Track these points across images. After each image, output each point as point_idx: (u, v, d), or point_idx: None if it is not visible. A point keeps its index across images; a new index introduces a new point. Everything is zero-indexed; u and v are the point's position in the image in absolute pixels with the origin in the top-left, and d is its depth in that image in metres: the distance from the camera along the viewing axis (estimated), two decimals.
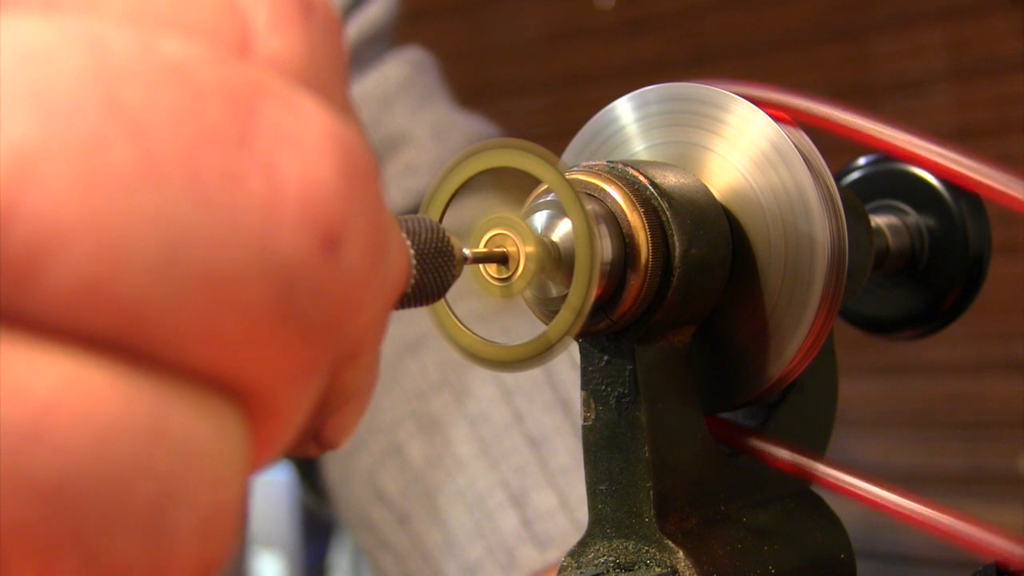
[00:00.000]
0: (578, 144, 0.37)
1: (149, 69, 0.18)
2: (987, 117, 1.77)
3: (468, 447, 0.66)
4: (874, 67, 1.86)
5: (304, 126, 0.19)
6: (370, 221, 0.20)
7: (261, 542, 1.99)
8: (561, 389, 0.67)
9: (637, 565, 0.33)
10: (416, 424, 0.68)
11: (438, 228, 0.26)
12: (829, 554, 0.37)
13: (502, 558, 0.63)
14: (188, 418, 0.18)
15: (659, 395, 0.33)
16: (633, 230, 0.32)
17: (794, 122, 0.35)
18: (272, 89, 0.19)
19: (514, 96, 2.18)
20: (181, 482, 0.18)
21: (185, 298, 0.18)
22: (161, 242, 0.17)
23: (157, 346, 0.18)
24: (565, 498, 0.63)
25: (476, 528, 0.64)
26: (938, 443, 1.82)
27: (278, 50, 0.20)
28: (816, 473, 0.34)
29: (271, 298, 0.18)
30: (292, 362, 0.19)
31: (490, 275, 0.31)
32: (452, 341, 0.32)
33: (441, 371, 0.69)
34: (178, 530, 0.18)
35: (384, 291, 0.22)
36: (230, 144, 0.18)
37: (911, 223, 0.42)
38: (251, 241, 0.18)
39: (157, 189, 0.17)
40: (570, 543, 0.62)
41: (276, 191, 0.18)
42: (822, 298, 0.33)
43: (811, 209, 0.33)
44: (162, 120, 0.18)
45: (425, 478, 0.67)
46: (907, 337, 0.43)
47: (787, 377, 0.35)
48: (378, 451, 0.69)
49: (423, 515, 0.66)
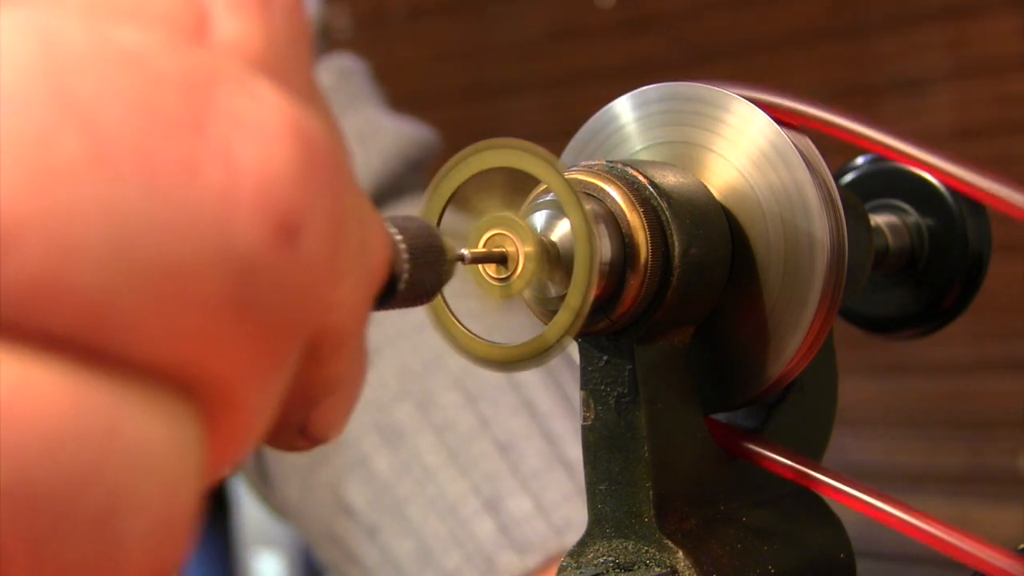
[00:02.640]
0: (577, 144, 0.37)
1: (101, 59, 0.17)
2: (987, 117, 1.77)
3: (436, 456, 0.66)
4: (874, 67, 1.86)
5: (262, 113, 0.18)
6: (332, 209, 0.19)
7: (261, 542, 1.99)
8: (525, 391, 0.67)
9: (637, 565, 0.33)
10: (380, 435, 0.67)
11: (429, 226, 0.26)
12: (829, 554, 0.37)
13: (481, 565, 0.63)
14: (141, 421, 0.18)
15: (658, 395, 0.33)
16: (632, 230, 0.32)
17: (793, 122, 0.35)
18: (229, 75, 0.18)
19: (514, 96, 2.18)
20: (132, 488, 0.17)
21: (139, 291, 0.17)
22: (114, 235, 0.17)
23: (111, 343, 0.17)
24: (539, 502, 0.63)
25: (451, 537, 0.64)
26: (938, 443, 1.82)
27: (236, 36, 0.19)
28: (813, 480, 0.34)
29: (228, 289, 0.18)
30: (253, 355, 0.19)
31: (489, 275, 0.31)
32: (452, 342, 0.32)
33: (400, 381, 0.68)
34: (129, 536, 0.17)
35: (363, 280, 0.21)
36: (185, 132, 0.18)
37: (911, 222, 0.42)
38: (207, 231, 0.18)
39: (109, 181, 0.17)
40: (549, 547, 0.62)
41: (233, 179, 0.18)
42: (822, 297, 0.33)
43: (811, 209, 0.33)
44: (114, 110, 0.17)
45: (393, 489, 0.66)
46: (907, 336, 0.43)
47: (787, 377, 0.35)
48: (341, 464, 0.68)
49: (392, 527, 0.66)
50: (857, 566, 0.38)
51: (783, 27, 1.92)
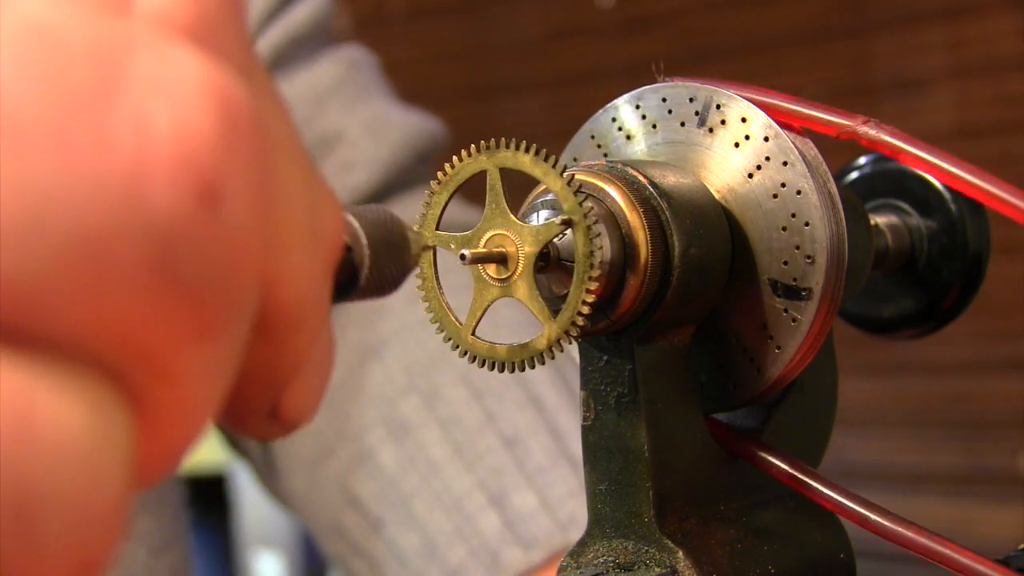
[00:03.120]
0: (577, 143, 0.37)
1: (8, 33, 0.17)
2: (987, 117, 1.77)
3: (441, 450, 0.65)
4: (874, 67, 1.86)
5: (179, 77, 0.18)
6: (257, 174, 0.19)
7: (261, 542, 1.99)
8: (531, 387, 0.67)
9: (637, 565, 0.33)
10: (386, 429, 0.67)
11: (389, 215, 0.25)
12: (829, 554, 0.37)
13: (486, 560, 0.63)
14: (59, 408, 0.17)
15: (659, 395, 0.33)
16: (632, 230, 0.32)
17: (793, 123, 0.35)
18: (145, 43, 0.18)
19: (514, 95, 2.18)
20: (49, 480, 0.17)
21: (57, 266, 0.17)
22: (27, 210, 0.17)
23: (27, 323, 0.17)
24: (544, 497, 0.63)
25: (456, 531, 0.63)
26: (938, 443, 1.82)
27: (161, 6, 0.19)
28: (804, 486, 0.34)
29: (149, 257, 0.17)
30: (182, 323, 0.18)
31: (489, 275, 0.31)
32: (453, 342, 0.32)
33: (407, 375, 0.68)
34: (48, 530, 0.17)
35: (314, 254, 0.21)
36: (95, 102, 0.17)
37: (911, 223, 0.42)
38: (122, 201, 0.17)
39: (19, 156, 0.17)
40: (554, 543, 0.62)
41: (148, 144, 0.18)
42: (822, 298, 0.33)
43: (811, 209, 0.33)
44: (22, 84, 0.17)
45: (398, 483, 0.66)
46: (907, 336, 0.43)
47: (787, 377, 0.35)
48: (348, 457, 0.68)
49: (398, 520, 0.66)
50: (857, 566, 0.38)
51: (783, 27, 1.92)
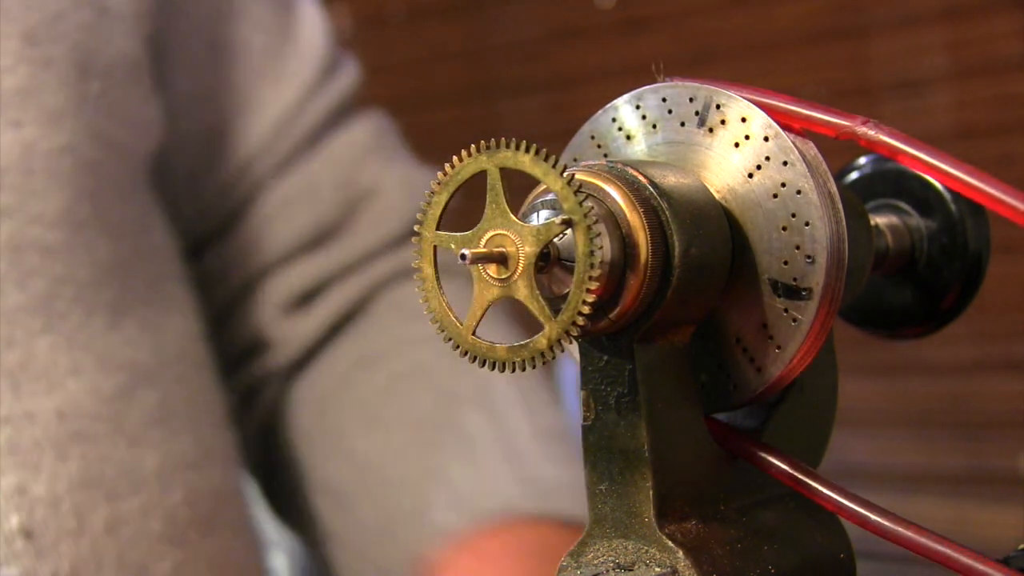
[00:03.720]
0: (577, 143, 0.37)
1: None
2: (987, 117, 1.77)
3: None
4: (874, 67, 1.86)
5: None
6: None
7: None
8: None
9: (637, 565, 0.33)
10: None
11: None
12: (829, 554, 0.37)
13: None
14: None
15: (659, 395, 0.33)
16: (633, 230, 0.32)
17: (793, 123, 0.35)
18: None
19: (514, 96, 2.18)
20: None
21: None
22: None
23: None
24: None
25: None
26: (938, 443, 1.82)
27: None
28: (805, 487, 0.34)
29: None
30: None
31: (489, 275, 0.31)
32: (454, 342, 0.32)
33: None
34: None
35: None
36: None
37: (911, 223, 0.42)
38: None
39: None
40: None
41: None
42: (822, 298, 0.33)
43: (811, 209, 0.33)
44: None
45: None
46: (907, 337, 0.43)
47: (787, 377, 0.35)
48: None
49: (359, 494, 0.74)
50: (857, 566, 0.38)
51: (783, 28, 1.92)
